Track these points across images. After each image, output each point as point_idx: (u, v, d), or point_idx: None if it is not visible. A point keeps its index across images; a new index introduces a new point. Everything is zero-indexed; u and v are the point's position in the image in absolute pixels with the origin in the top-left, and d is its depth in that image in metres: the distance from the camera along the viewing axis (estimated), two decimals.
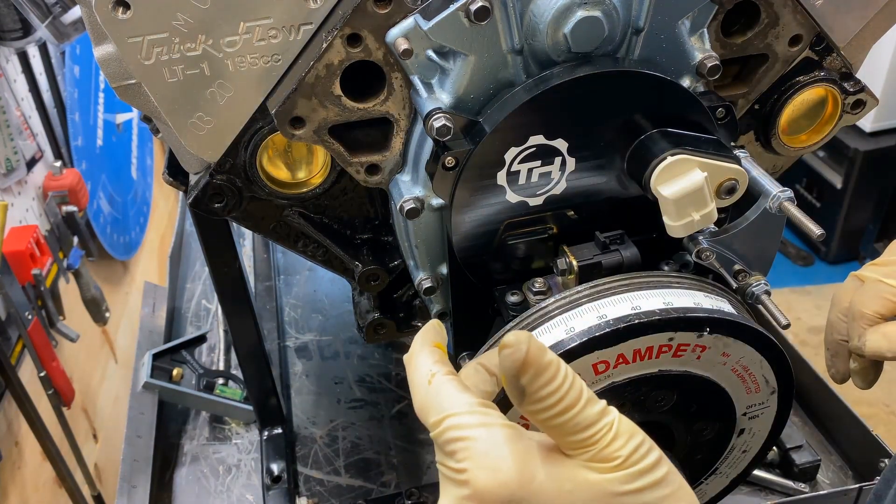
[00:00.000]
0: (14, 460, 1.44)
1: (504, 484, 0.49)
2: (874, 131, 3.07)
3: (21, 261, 1.47)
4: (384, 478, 1.20)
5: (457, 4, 0.65)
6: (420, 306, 0.94)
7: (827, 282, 3.26)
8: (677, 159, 0.67)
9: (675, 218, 0.68)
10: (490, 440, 0.51)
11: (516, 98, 0.68)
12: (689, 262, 0.78)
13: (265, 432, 1.20)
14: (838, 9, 0.79)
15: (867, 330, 0.77)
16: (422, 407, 0.55)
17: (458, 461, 0.51)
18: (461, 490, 0.50)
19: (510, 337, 0.50)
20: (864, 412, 1.15)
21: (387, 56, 0.71)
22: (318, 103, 0.72)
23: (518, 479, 0.50)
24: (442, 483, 0.53)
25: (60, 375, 1.53)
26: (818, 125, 0.89)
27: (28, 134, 1.67)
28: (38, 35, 1.57)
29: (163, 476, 1.26)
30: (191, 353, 1.44)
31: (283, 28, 0.69)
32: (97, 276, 1.86)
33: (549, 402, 0.50)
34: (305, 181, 0.82)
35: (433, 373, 0.56)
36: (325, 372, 1.40)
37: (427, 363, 0.58)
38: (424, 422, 0.55)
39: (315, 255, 0.87)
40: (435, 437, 0.53)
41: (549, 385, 0.50)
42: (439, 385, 0.55)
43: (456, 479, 0.51)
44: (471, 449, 0.51)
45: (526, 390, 0.50)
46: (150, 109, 0.74)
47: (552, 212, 0.76)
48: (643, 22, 0.69)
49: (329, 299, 1.58)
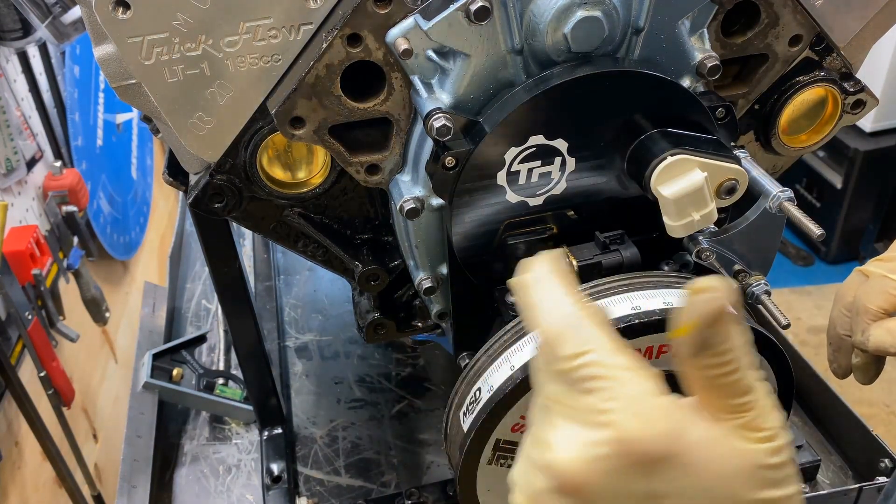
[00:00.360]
0: (14, 460, 1.44)
1: (656, 435, 0.46)
2: (874, 131, 3.07)
3: (21, 261, 1.47)
4: (384, 478, 1.20)
5: (457, 4, 0.65)
6: (420, 306, 0.94)
7: (827, 282, 3.26)
8: (677, 159, 0.67)
9: (675, 218, 0.68)
10: (640, 386, 0.47)
11: (516, 98, 0.68)
12: (689, 262, 0.78)
13: (265, 432, 1.20)
14: (838, 9, 0.79)
15: (871, 325, 0.77)
16: (556, 334, 0.50)
17: (602, 400, 0.47)
18: (600, 432, 0.46)
19: (708, 281, 0.46)
20: (864, 412, 1.15)
21: (387, 56, 0.71)
22: (318, 103, 0.72)
23: (670, 432, 0.46)
24: (559, 420, 0.48)
25: (60, 375, 1.53)
26: (818, 125, 0.89)
27: (28, 134, 1.67)
28: (38, 35, 1.57)
29: (163, 476, 1.26)
30: (191, 353, 1.44)
31: (283, 28, 0.69)
32: (97, 276, 1.86)
33: (726, 358, 0.46)
34: (305, 181, 0.82)
35: (572, 299, 0.51)
36: (325, 372, 1.40)
37: (561, 287, 0.52)
38: (552, 350, 0.50)
39: (315, 255, 0.87)
40: (567, 370, 0.49)
41: (730, 339, 0.46)
42: (583, 315, 0.50)
43: (594, 419, 0.47)
44: (617, 390, 0.47)
45: (710, 340, 0.46)
46: (150, 109, 0.74)
47: (552, 212, 0.76)
48: (643, 22, 0.69)
49: (329, 299, 1.58)
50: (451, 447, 0.74)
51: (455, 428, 0.72)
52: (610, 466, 0.46)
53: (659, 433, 0.46)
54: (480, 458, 0.70)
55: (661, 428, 0.46)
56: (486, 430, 0.68)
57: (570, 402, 0.48)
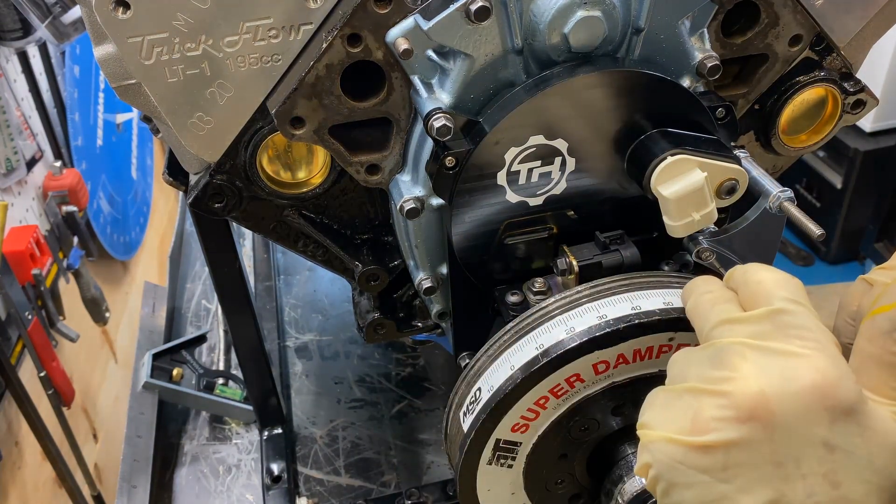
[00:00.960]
0: (14, 460, 1.43)
1: (853, 387, 0.49)
2: (874, 131, 3.06)
3: (21, 261, 1.46)
4: (384, 478, 1.20)
5: (457, 4, 0.65)
6: (420, 306, 0.94)
7: (827, 282, 3.26)
8: (677, 159, 0.67)
9: (675, 218, 0.68)
10: (832, 344, 0.51)
11: (516, 98, 0.68)
12: (689, 262, 0.78)
13: (265, 432, 1.20)
14: (838, 9, 0.79)
15: None
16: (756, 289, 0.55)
17: (806, 345, 0.50)
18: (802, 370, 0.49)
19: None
20: None
21: (387, 56, 0.71)
22: (318, 103, 0.72)
23: (858, 391, 0.49)
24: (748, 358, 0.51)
25: (60, 375, 1.53)
26: (818, 125, 0.89)
27: (28, 134, 1.66)
28: (38, 35, 1.56)
29: (163, 476, 1.26)
30: (191, 353, 1.44)
31: (283, 28, 0.69)
32: (97, 276, 1.86)
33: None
34: (305, 181, 0.82)
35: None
36: (325, 372, 1.40)
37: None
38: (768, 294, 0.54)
39: (315, 255, 0.87)
40: (768, 313, 0.52)
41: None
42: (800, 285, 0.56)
43: (794, 361, 0.49)
44: (817, 341, 0.50)
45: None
46: (150, 109, 0.74)
47: (552, 212, 0.76)
48: (643, 22, 0.69)
49: (329, 299, 1.58)
50: (451, 447, 0.74)
51: (455, 428, 0.72)
52: (803, 403, 0.48)
53: (854, 388, 0.49)
54: (480, 458, 0.70)
55: (856, 386, 0.49)
56: (486, 430, 0.68)
57: (767, 343, 0.51)
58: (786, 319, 0.52)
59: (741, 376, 0.50)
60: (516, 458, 0.71)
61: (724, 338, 0.53)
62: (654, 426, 0.53)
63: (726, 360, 0.51)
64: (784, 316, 0.52)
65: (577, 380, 0.67)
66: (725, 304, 0.56)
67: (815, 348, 0.50)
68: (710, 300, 0.58)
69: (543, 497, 0.76)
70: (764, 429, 0.48)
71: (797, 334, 0.51)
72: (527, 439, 0.70)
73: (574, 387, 0.67)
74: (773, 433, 0.48)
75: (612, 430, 0.72)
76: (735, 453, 0.49)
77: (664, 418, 0.52)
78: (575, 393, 0.68)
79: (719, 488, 0.49)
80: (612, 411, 0.71)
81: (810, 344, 0.50)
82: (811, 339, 0.50)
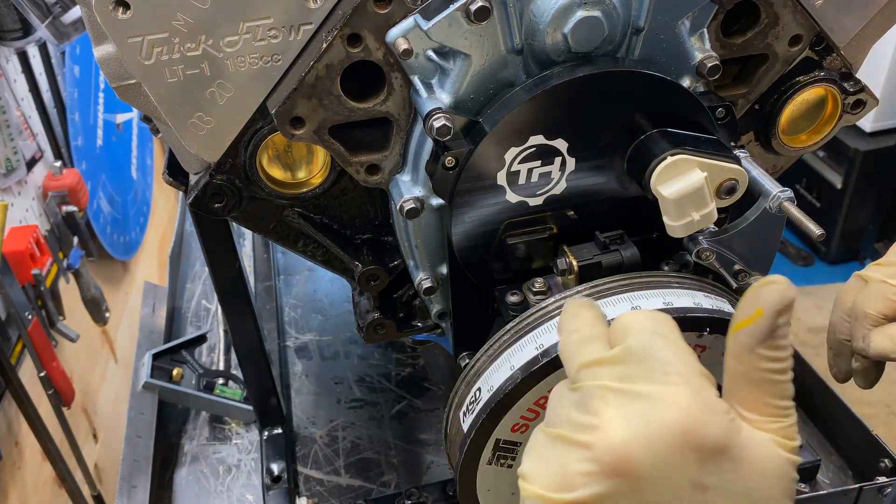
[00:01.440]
0: (14, 460, 1.43)
1: (719, 425, 0.47)
2: (874, 131, 3.07)
3: (21, 261, 1.46)
4: (384, 478, 1.20)
5: (457, 4, 0.65)
6: (420, 306, 0.94)
7: (827, 282, 3.26)
8: (677, 159, 0.67)
9: (675, 218, 0.68)
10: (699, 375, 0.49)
11: (516, 98, 0.68)
12: (689, 262, 0.78)
13: (265, 432, 1.20)
14: (838, 9, 0.79)
15: (871, 331, 0.77)
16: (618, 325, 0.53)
17: (665, 382, 0.48)
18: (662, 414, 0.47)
19: (775, 276, 0.49)
20: (864, 413, 1.15)
21: (387, 56, 0.71)
22: (318, 103, 0.72)
23: (731, 424, 0.47)
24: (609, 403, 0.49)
25: (60, 375, 1.53)
26: (818, 125, 0.89)
27: (28, 134, 1.66)
28: (38, 35, 1.56)
29: (163, 476, 1.26)
30: (191, 353, 1.44)
31: (283, 28, 0.69)
32: (97, 276, 1.86)
33: (784, 353, 0.48)
34: (305, 181, 0.82)
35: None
36: (325, 372, 1.40)
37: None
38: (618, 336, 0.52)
39: (315, 255, 0.87)
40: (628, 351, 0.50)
41: (789, 336, 0.49)
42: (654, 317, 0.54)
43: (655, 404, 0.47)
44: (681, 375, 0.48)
45: (777, 331, 0.48)
46: (150, 109, 0.74)
47: (552, 212, 0.76)
48: (643, 22, 0.69)
49: (329, 299, 1.58)
50: (451, 447, 0.74)
51: (455, 428, 0.72)
52: (668, 448, 0.46)
53: (722, 423, 0.47)
54: (480, 458, 0.70)
55: (724, 419, 0.47)
56: (486, 430, 0.68)
57: (628, 386, 0.48)
58: (648, 355, 0.50)
59: (604, 424, 0.48)
60: (516, 458, 0.71)
61: (587, 381, 0.51)
62: (529, 478, 0.51)
63: (590, 406, 0.49)
64: (646, 352, 0.50)
65: None
66: (591, 345, 0.54)
67: (680, 383, 0.48)
68: (575, 340, 0.55)
69: None
70: (630, 481, 0.46)
71: (662, 369, 0.49)
72: (527, 439, 0.70)
73: None
74: (640, 484, 0.46)
75: None
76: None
77: (538, 469, 0.51)
78: None
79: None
80: None
81: (674, 379, 0.48)
82: (675, 374, 0.48)
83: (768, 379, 0.49)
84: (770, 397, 0.49)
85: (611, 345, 0.53)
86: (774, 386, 0.49)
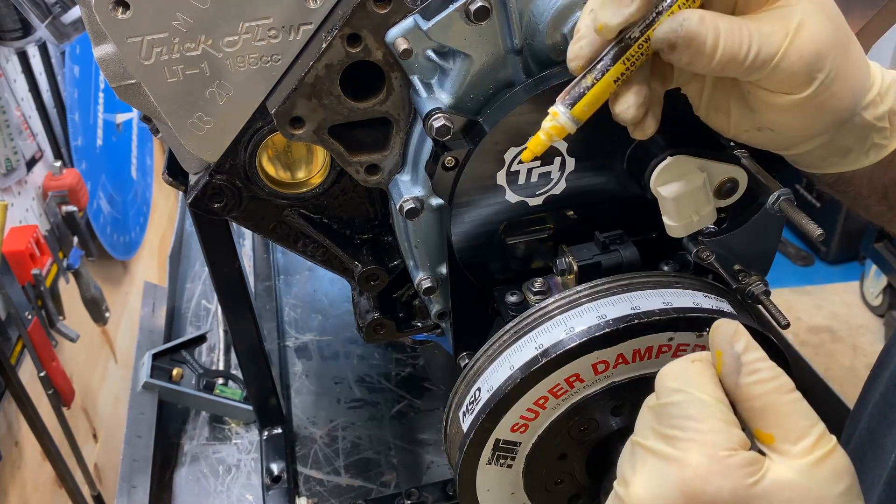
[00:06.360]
0: (14, 460, 1.43)
1: (726, 482, 0.48)
2: None
3: (21, 261, 1.46)
4: (384, 478, 1.20)
5: (456, 4, 0.65)
6: (420, 306, 0.94)
7: (827, 282, 3.26)
8: (677, 159, 0.67)
9: (675, 218, 0.68)
10: (712, 432, 0.49)
11: (516, 98, 0.68)
12: (689, 262, 0.78)
13: (265, 432, 1.20)
14: None
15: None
16: (664, 373, 0.54)
17: (680, 438, 0.49)
18: (672, 475, 0.49)
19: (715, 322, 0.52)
20: None
21: (386, 56, 0.71)
22: (317, 103, 0.72)
23: (735, 481, 0.48)
24: (640, 458, 0.51)
25: (60, 375, 1.53)
26: None
27: (28, 134, 1.66)
28: (38, 35, 1.56)
29: (163, 476, 1.26)
30: (191, 353, 1.44)
31: (283, 28, 0.69)
32: (97, 276, 1.86)
33: (766, 374, 0.49)
34: (305, 181, 0.82)
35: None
36: (325, 372, 1.40)
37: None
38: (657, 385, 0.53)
39: (315, 255, 0.87)
40: (651, 408, 0.53)
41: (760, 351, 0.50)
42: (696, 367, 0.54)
43: (665, 468, 0.49)
44: (697, 431, 0.49)
45: (744, 357, 0.50)
46: (150, 109, 0.74)
47: (552, 212, 0.76)
48: None
49: (329, 299, 1.58)
50: (451, 447, 0.74)
51: (455, 428, 0.72)
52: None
53: (735, 480, 0.47)
54: (480, 458, 0.70)
55: (737, 475, 0.47)
56: (485, 430, 0.68)
57: (652, 443, 0.51)
58: (669, 412, 0.51)
59: (631, 483, 0.51)
60: (516, 458, 0.71)
61: (638, 426, 0.54)
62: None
63: (631, 460, 0.53)
64: (668, 409, 0.51)
65: (577, 380, 0.67)
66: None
67: (693, 440, 0.49)
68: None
69: (543, 497, 0.76)
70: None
71: (680, 426, 0.50)
72: (526, 439, 0.70)
73: (573, 387, 0.67)
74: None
75: (611, 430, 0.72)
76: None
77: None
78: (574, 393, 0.68)
79: None
80: (612, 411, 0.71)
81: (689, 435, 0.49)
82: (692, 430, 0.49)
83: (771, 402, 0.49)
84: (782, 418, 0.49)
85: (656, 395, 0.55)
86: (781, 407, 0.49)
